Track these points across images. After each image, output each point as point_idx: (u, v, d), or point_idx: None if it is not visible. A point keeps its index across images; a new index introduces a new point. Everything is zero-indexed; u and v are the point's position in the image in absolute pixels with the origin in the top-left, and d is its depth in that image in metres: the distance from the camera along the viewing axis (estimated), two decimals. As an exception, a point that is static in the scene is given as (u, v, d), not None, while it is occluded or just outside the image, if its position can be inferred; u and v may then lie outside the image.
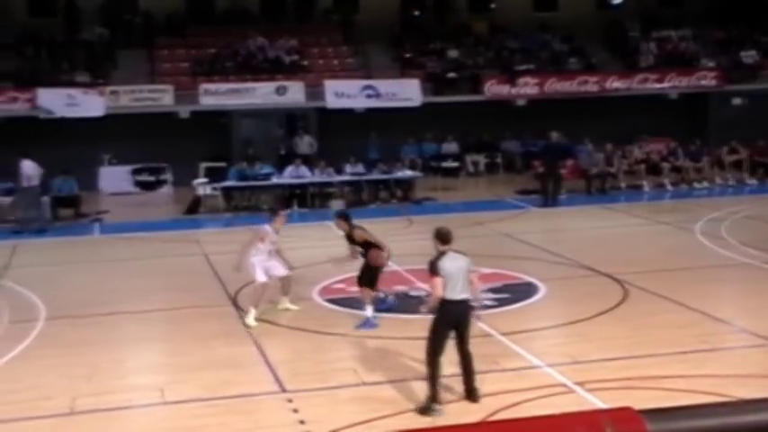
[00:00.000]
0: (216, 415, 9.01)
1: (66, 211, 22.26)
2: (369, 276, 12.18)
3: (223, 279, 14.83)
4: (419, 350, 10.90)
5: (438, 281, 8.75)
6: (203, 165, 25.24)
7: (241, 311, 12.80)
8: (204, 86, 26.98)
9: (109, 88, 26.36)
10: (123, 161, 26.44)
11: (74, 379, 10.15)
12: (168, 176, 26.77)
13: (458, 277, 8.78)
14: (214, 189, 23.07)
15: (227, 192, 23.15)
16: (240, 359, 10.83)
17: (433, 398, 8.73)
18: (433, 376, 8.77)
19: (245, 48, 28.96)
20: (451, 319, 8.84)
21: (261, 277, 12.41)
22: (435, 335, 8.84)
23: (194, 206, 22.84)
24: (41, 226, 20.29)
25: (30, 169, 20.22)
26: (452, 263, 8.85)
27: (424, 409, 8.68)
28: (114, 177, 26.20)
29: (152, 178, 26.78)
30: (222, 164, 24.82)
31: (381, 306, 12.50)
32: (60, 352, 11.19)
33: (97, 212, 22.42)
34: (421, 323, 12.04)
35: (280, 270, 12.65)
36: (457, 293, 8.75)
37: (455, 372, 9.13)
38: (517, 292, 13.74)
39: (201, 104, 26.83)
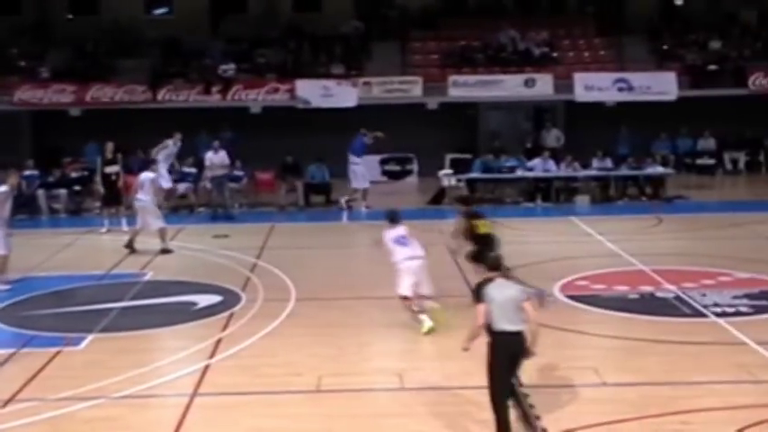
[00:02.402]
0: (455, 404, 9.06)
1: (318, 197, 23.30)
2: None
3: (464, 270, 14.89)
4: (666, 354, 10.46)
5: (480, 308, 7.93)
6: (449, 156, 25.54)
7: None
8: (453, 78, 27.27)
9: (362, 80, 27.32)
10: (372, 151, 27.22)
11: (321, 358, 10.59)
12: (414, 167, 27.33)
13: (508, 307, 7.88)
14: (459, 180, 23.30)
15: (472, 183, 23.29)
16: (481, 350, 10.78)
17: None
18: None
19: (495, 40, 28.97)
20: (508, 353, 7.90)
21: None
22: (495, 374, 7.90)
23: (439, 196, 23.16)
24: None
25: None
26: (500, 291, 7.96)
27: None
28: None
29: (399, 168, 27.47)
30: (468, 155, 25.00)
31: None
32: (309, 332, 11.72)
33: (347, 200, 23.26)
34: (666, 326, 11.57)
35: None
36: (510, 324, 7.85)
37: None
38: (777, 299, 12.78)
39: (450, 96, 27.16)
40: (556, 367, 10.07)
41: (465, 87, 27.21)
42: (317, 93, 26.77)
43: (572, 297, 13.17)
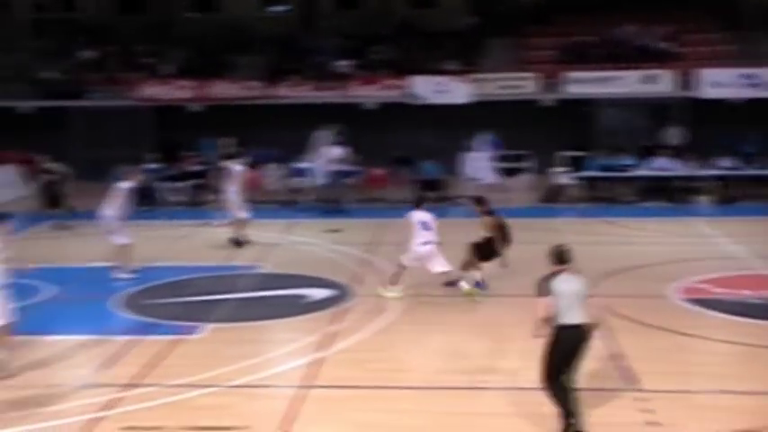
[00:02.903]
0: (566, 405, 8.86)
1: (431, 193, 23.18)
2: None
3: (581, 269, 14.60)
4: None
5: (541, 302, 8.04)
6: (564, 153, 25.09)
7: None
8: (568, 74, 26.79)
9: (475, 76, 27.13)
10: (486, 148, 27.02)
11: (432, 355, 10.54)
12: (528, 164, 26.96)
13: (573, 301, 7.97)
14: (573, 178, 22.88)
15: (587, 181, 22.82)
16: (596, 352, 10.54)
17: (566, 428, 8.01)
18: (562, 405, 7.99)
19: (613, 35, 28.29)
20: (569, 345, 7.98)
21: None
22: (552, 364, 8.04)
23: (553, 194, 22.79)
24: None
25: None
26: (566, 285, 8.03)
27: None
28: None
29: (513, 165, 27.10)
30: (583, 153, 24.50)
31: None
32: (420, 328, 11.68)
33: (459, 196, 23.11)
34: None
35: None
36: (572, 318, 7.95)
37: None
38: None
39: (565, 93, 26.69)
40: (675, 372, 9.75)
41: (581, 84, 26.67)
42: (430, 89, 26.73)
43: (692, 300, 12.72)
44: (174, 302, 13.17)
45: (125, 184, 15.08)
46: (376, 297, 13.24)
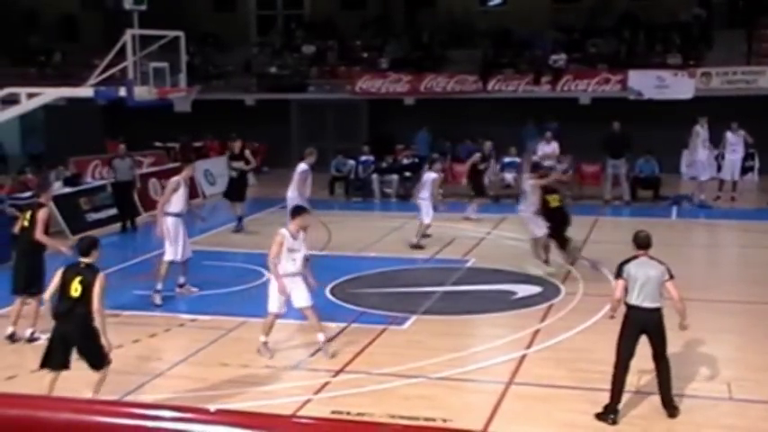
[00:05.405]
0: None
1: (646, 192, 22.36)
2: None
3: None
4: None
5: (618, 283, 8.50)
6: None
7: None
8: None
9: (700, 70, 25.85)
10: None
11: (641, 359, 10.11)
12: (756, 163, 25.40)
13: (644, 284, 8.34)
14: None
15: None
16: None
17: (610, 405, 8.40)
18: (614, 381, 8.45)
19: None
20: (638, 326, 8.38)
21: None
22: (619, 340, 8.47)
23: (782, 196, 21.36)
24: None
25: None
26: (640, 269, 8.40)
27: (601, 415, 8.44)
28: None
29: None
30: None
31: None
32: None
33: (677, 195, 22.14)
34: None
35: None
36: (642, 300, 8.34)
37: None
38: None
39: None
40: None
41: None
42: (650, 84, 25.72)
43: None
44: (384, 293, 13.45)
45: (302, 166, 15.77)
46: (583, 295, 12.95)
